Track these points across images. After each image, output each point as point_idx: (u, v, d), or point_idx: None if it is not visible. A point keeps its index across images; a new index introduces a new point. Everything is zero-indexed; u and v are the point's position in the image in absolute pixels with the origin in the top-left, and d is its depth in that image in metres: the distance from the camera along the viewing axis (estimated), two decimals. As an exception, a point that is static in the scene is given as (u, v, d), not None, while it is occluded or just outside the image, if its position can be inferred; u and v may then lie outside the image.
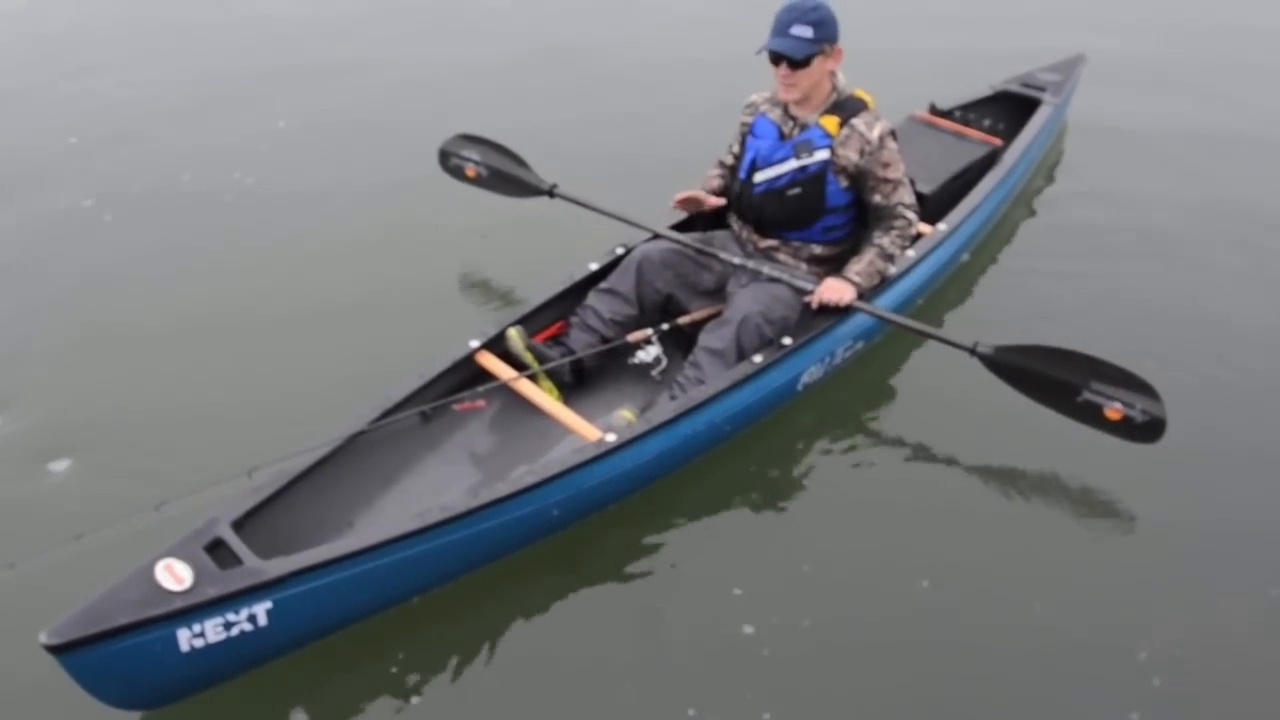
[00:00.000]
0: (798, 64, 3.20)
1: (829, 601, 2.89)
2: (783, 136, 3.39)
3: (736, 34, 4.69)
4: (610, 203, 3.83)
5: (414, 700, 2.65)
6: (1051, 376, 3.14)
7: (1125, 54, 6.21)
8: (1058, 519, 3.16)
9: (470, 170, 4.34)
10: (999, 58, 5.57)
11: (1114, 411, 3.06)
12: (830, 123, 3.31)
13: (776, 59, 3.22)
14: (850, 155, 3.31)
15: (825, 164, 3.32)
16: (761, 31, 3.24)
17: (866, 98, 3.37)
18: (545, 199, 4.06)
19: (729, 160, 3.64)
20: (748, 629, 2.82)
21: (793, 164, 3.35)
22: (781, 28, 3.19)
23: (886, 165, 3.33)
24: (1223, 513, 3.18)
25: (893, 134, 3.35)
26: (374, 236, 4.57)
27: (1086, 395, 3.09)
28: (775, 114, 3.43)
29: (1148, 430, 3.05)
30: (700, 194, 3.57)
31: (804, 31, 3.17)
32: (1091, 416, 3.11)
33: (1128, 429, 3.07)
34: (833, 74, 3.33)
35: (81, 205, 4.81)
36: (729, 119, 3.66)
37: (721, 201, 3.61)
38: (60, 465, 3.31)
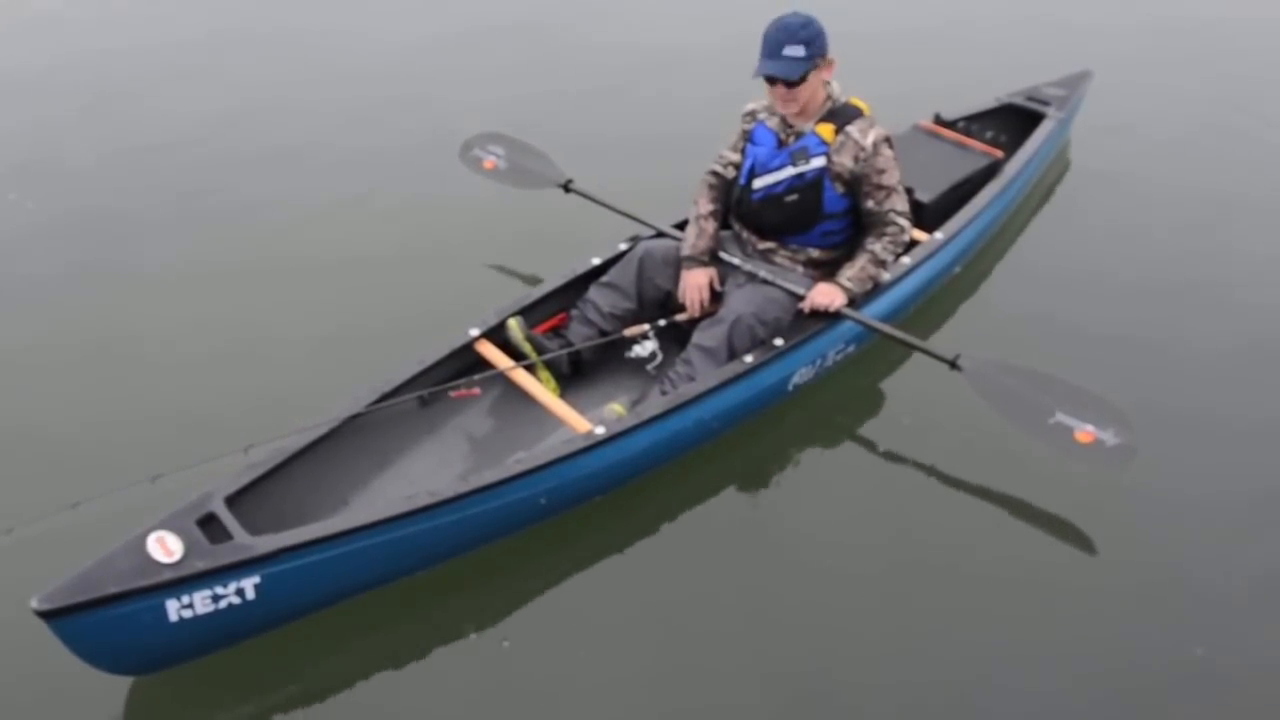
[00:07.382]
0: (794, 83, 3.24)
1: (811, 591, 2.96)
2: (780, 144, 3.43)
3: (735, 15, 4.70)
4: (622, 200, 3.89)
5: (396, 678, 2.71)
6: (1026, 396, 3.15)
7: (1133, 72, 6.19)
8: (1016, 543, 3.14)
9: (488, 162, 4.42)
10: (1007, 70, 5.58)
11: (1085, 434, 3.02)
12: (826, 130, 3.36)
13: (773, 80, 3.26)
14: (845, 162, 3.35)
15: (821, 171, 3.36)
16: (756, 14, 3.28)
17: (862, 105, 3.41)
18: (559, 193, 4.12)
19: (724, 170, 3.62)
20: (731, 622, 2.87)
21: (790, 171, 3.39)
22: (774, 49, 3.22)
23: (881, 172, 3.36)
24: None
25: (888, 141, 3.39)
26: (380, 223, 4.63)
27: (1059, 417, 3.07)
28: (773, 122, 3.47)
29: (1117, 455, 2.98)
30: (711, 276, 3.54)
31: (796, 51, 3.20)
32: (1062, 440, 3.05)
33: (1097, 453, 3.00)
34: (826, 83, 3.37)
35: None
36: (729, 100, 3.70)
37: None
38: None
